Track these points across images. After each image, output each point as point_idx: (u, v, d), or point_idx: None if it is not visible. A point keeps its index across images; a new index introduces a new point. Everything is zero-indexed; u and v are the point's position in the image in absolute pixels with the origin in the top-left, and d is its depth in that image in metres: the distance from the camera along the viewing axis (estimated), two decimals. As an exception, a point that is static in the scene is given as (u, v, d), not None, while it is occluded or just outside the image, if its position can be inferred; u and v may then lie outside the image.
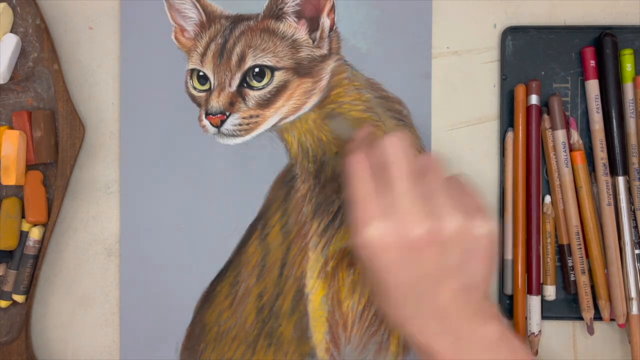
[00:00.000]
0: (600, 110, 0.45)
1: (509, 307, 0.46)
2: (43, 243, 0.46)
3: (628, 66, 0.45)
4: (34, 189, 0.45)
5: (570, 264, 0.46)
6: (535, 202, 0.45)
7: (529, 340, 0.46)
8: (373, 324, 0.46)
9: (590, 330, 0.45)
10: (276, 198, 0.47)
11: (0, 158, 0.45)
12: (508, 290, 0.46)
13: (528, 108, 0.46)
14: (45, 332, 0.48)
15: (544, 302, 0.46)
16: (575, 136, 0.46)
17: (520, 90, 0.46)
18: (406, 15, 0.47)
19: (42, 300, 0.48)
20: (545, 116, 0.46)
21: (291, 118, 0.46)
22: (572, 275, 0.46)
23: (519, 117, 0.46)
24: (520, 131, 0.46)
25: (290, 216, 0.47)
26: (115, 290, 0.48)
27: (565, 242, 0.46)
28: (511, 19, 0.47)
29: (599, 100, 0.45)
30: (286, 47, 0.46)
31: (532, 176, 0.45)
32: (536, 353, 0.46)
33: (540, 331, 0.45)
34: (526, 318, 0.46)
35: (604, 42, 0.45)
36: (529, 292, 0.45)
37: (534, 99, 0.45)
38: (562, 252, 0.46)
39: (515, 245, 0.46)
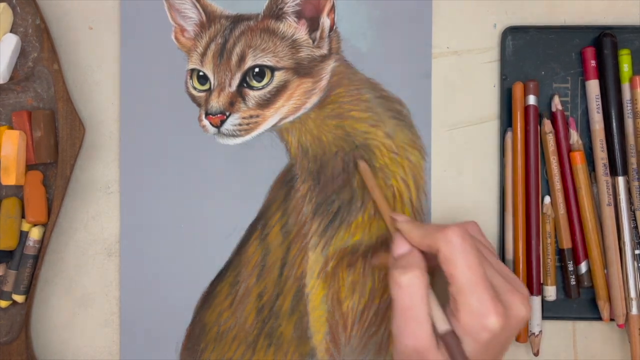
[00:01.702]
0: (600, 110, 0.45)
1: (509, 307, 0.46)
2: (43, 243, 0.46)
3: (625, 67, 0.45)
4: (34, 189, 0.45)
5: (570, 269, 0.45)
6: (535, 202, 0.45)
7: (529, 340, 0.46)
8: (373, 324, 0.46)
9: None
10: (276, 198, 0.47)
11: (0, 158, 0.45)
12: (508, 290, 0.46)
13: (526, 108, 0.45)
14: (45, 332, 0.48)
15: (544, 303, 0.46)
16: (575, 136, 0.46)
17: (517, 89, 0.46)
18: (406, 15, 0.47)
19: (42, 300, 0.48)
20: (546, 120, 0.46)
21: (291, 118, 0.46)
22: (572, 280, 0.46)
23: (517, 115, 0.45)
24: (519, 129, 0.45)
25: (290, 216, 0.47)
26: (115, 290, 0.48)
27: (565, 246, 0.46)
28: (511, 19, 0.47)
29: (600, 100, 0.45)
30: (286, 47, 0.46)
31: (530, 176, 0.45)
32: (537, 353, 0.45)
33: (540, 331, 0.45)
34: (526, 318, 0.46)
35: (603, 42, 0.45)
36: (529, 292, 0.45)
37: (531, 100, 0.45)
38: (563, 256, 0.46)
39: (515, 246, 0.46)
